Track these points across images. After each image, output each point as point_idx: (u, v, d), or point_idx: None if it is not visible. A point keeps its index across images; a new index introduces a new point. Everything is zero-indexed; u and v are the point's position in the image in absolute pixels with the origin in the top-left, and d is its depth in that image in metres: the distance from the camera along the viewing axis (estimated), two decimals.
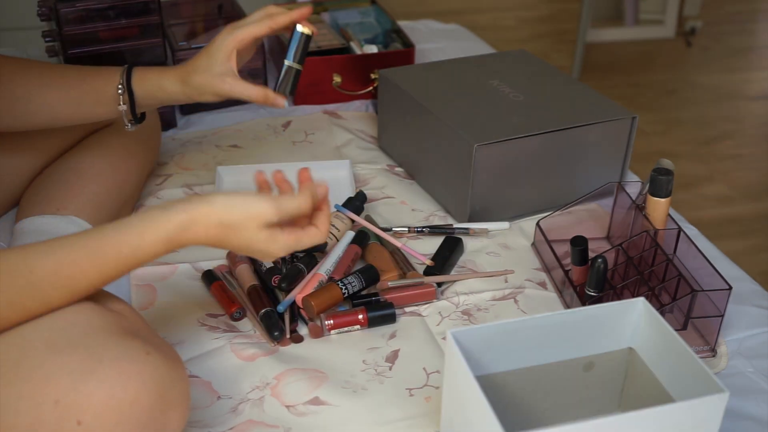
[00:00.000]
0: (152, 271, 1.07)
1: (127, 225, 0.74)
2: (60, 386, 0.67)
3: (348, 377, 0.92)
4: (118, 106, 1.00)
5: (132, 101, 1.01)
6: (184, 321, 1.00)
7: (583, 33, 3.03)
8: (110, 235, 0.73)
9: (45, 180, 1.13)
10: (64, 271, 0.72)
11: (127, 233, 0.73)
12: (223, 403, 0.89)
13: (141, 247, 0.73)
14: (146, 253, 0.74)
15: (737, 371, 0.95)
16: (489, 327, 0.76)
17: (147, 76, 1.00)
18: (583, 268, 1.01)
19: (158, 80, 1.00)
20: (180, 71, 0.98)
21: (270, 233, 0.77)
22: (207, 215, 0.74)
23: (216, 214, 0.75)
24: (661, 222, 1.03)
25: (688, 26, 3.52)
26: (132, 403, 0.68)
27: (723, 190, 2.47)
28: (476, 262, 1.12)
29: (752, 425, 0.88)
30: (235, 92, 0.97)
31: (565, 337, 0.79)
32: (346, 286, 1.00)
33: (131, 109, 1.01)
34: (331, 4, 1.74)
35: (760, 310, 1.04)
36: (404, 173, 1.33)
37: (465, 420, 0.74)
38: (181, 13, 1.63)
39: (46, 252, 0.72)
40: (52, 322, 0.72)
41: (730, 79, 3.23)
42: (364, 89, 1.52)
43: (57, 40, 1.33)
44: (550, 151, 1.18)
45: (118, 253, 0.73)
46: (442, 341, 0.98)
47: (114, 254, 0.73)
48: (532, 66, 1.38)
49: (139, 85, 1.00)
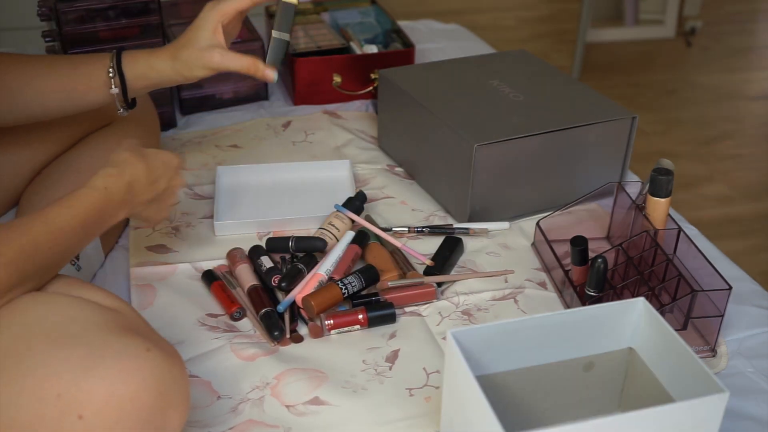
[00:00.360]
0: (152, 271, 1.07)
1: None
2: (62, 381, 0.67)
3: (348, 377, 0.92)
4: (110, 90, 1.00)
5: (123, 84, 1.01)
6: (184, 321, 1.00)
7: (583, 33, 3.03)
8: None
9: (44, 179, 1.13)
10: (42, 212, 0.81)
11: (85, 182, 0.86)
12: (223, 403, 0.89)
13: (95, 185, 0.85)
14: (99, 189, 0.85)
15: (737, 371, 0.95)
16: (489, 327, 0.76)
17: (137, 57, 1.00)
18: (583, 268, 1.01)
19: (148, 60, 1.00)
20: (169, 49, 0.99)
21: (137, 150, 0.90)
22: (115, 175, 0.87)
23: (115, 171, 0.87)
24: (661, 222, 1.03)
25: (688, 26, 3.52)
26: (132, 400, 0.68)
27: (723, 190, 2.48)
28: (476, 262, 1.12)
29: (752, 425, 0.88)
30: (224, 63, 0.99)
31: (565, 337, 0.79)
32: (346, 286, 1.00)
33: (123, 92, 1.01)
34: (331, 4, 1.74)
35: (760, 310, 1.04)
36: (404, 173, 1.33)
37: (465, 420, 0.74)
38: (181, 13, 1.63)
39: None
40: (53, 318, 0.72)
41: (730, 79, 3.23)
42: (364, 89, 1.52)
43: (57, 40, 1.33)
44: (550, 151, 1.18)
45: (78, 192, 0.83)
46: (442, 341, 0.98)
47: (76, 194, 0.83)
48: (532, 66, 1.38)
49: (130, 67, 1.00)
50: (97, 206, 0.84)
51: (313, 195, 1.24)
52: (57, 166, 1.14)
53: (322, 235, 1.10)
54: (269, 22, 1.66)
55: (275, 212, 1.19)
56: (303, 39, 1.59)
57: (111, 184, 0.86)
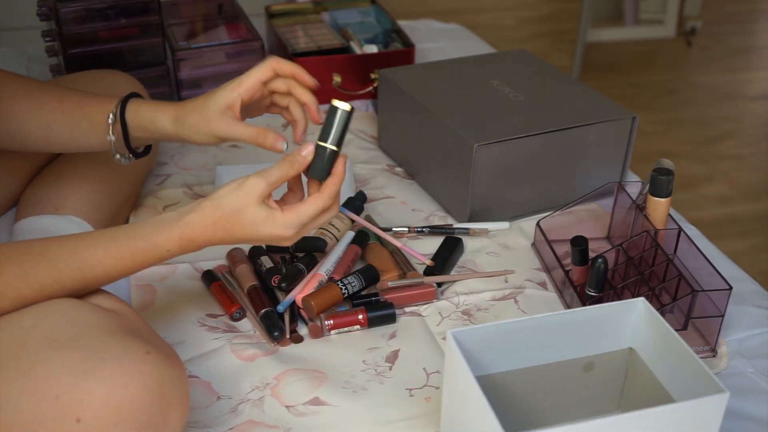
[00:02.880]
0: (152, 271, 1.07)
1: (143, 223, 0.80)
2: (61, 383, 0.67)
3: (348, 377, 0.92)
4: (107, 136, 0.94)
5: (125, 132, 0.94)
6: (184, 321, 1.00)
7: (583, 33, 3.03)
8: (127, 229, 0.79)
9: (44, 180, 1.13)
10: (79, 254, 0.76)
11: (143, 228, 0.79)
12: (223, 404, 0.89)
13: (155, 243, 0.78)
14: (161, 249, 0.79)
15: (737, 371, 0.95)
16: (489, 327, 0.76)
17: (142, 107, 0.94)
18: (584, 268, 1.01)
19: (152, 114, 0.93)
20: (177, 109, 0.92)
21: (269, 210, 0.80)
22: (211, 209, 0.79)
23: (217, 206, 0.79)
24: (662, 222, 1.03)
25: (688, 26, 3.52)
26: (132, 402, 0.68)
27: (723, 190, 2.47)
28: (476, 262, 1.12)
29: (752, 425, 0.88)
30: (231, 133, 0.90)
31: (565, 337, 0.79)
32: (346, 286, 1.00)
33: (125, 140, 0.95)
34: (331, 4, 1.74)
35: (760, 310, 1.04)
36: (404, 173, 1.32)
37: (465, 420, 0.74)
38: (181, 13, 1.63)
39: (64, 238, 0.78)
40: (52, 319, 0.72)
41: (730, 79, 3.23)
42: (364, 89, 1.52)
43: (57, 39, 1.33)
44: (550, 151, 1.18)
45: (133, 245, 0.78)
46: (442, 341, 0.98)
47: (129, 245, 0.78)
48: (532, 66, 1.38)
49: (132, 116, 0.93)
50: (148, 263, 0.79)
51: None
52: (56, 167, 1.14)
53: (322, 235, 1.10)
54: (269, 22, 1.66)
55: None
56: (303, 39, 1.59)
57: (176, 248, 0.79)
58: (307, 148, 0.84)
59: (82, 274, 0.76)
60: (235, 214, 0.79)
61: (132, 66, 1.35)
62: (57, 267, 0.75)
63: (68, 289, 0.76)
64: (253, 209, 0.79)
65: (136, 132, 0.94)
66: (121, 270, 0.78)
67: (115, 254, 0.77)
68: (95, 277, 0.77)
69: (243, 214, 0.79)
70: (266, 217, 0.80)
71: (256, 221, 0.80)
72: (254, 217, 0.80)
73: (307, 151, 0.84)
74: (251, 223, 0.80)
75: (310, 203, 0.82)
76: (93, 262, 0.77)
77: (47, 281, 0.74)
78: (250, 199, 0.79)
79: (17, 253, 0.75)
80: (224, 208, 0.79)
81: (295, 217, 0.81)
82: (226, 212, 0.79)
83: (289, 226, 0.81)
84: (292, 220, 0.81)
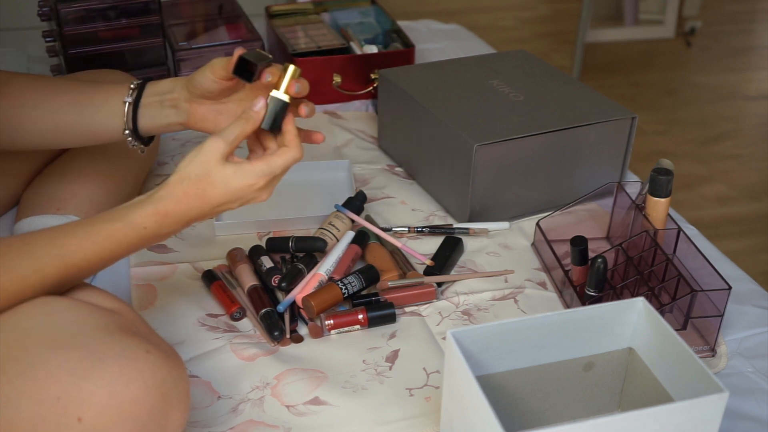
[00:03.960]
0: (152, 271, 1.07)
1: (118, 207, 0.80)
2: (61, 383, 0.67)
3: (348, 377, 0.92)
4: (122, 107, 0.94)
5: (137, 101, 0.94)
6: (184, 321, 1.00)
7: (583, 33, 3.03)
8: (103, 214, 0.79)
9: (45, 180, 1.13)
10: (58, 241, 0.76)
11: (118, 211, 0.79)
12: (223, 403, 0.89)
13: (131, 222, 0.78)
14: (137, 227, 0.78)
15: (737, 371, 0.95)
16: (489, 327, 0.76)
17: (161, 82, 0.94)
18: (583, 268, 1.01)
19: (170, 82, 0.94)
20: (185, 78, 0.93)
21: (236, 166, 0.80)
22: (178, 180, 0.79)
23: (184, 175, 0.79)
24: (661, 222, 1.03)
25: (688, 26, 3.52)
26: (133, 402, 0.68)
27: (723, 190, 2.48)
28: (476, 262, 1.12)
29: (752, 425, 0.88)
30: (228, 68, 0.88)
31: (565, 337, 0.79)
32: (346, 286, 1.00)
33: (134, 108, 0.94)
34: (331, 4, 1.74)
35: (760, 310, 1.04)
36: (404, 173, 1.33)
37: (465, 420, 0.74)
38: (181, 13, 1.63)
39: (44, 230, 0.78)
40: (52, 320, 0.72)
41: (730, 79, 3.23)
42: (364, 89, 1.52)
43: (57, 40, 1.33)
44: (550, 151, 1.18)
45: (110, 227, 0.78)
46: (442, 341, 0.98)
47: (106, 227, 0.78)
48: (532, 66, 1.38)
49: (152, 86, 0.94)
50: (128, 244, 0.79)
51: (313, 195, 1.24)
52: (57, 167, 1.14)
53: (322, 235, 1.10)
54: (269, 23, 1.66)
55: (275, 212, 1.19)
56: (303, 39, 1.59)
57: (152, 225, 0.79)
58: (259, 102, 0.84)
59: (62, 261, 0.76)
60: (202, 178, 0.79)
61: (132, 66, 1.35)
62: (37, 257, 0.74)
63: (50, 278, 0.75)
64: (219, 169, 0.79)
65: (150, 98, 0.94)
66: (101, 254, 0.78)
67: (93, 238, 0.77)
68: (76, 264, 0.77)
69: (210, 176, 0.79)
70: (234, 171, 0.80)
71: (226, 179, 0.80)
72: (222, 175, 0.79)
73: (260, 105, 0.84)
74: (221, 182, 0.80)
75: (279, 155, 0.83)
76: (72, 249, 0.76)
77: (27, 272, 0.74)
78: (213, 161, 0.79)
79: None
80: (190, 176, 0.79)
81: (265, 167, 0.82)
82: (193, 179, 0.79)
83: (259, 175, 0.81)
84: (261, 169, 0.81)
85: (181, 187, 0.79)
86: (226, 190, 0.80)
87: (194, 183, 0.79)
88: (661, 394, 0.78)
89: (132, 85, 0.94)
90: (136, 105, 0.94)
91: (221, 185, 0.80)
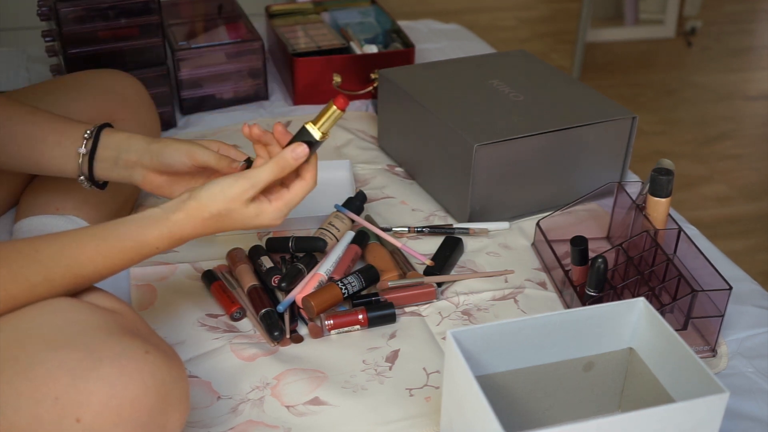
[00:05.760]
0: (152, 271, 1.07)
1: (131, 220, 0.80)
2: (60, 384, 0.67)
3: (348, 377, 0.92)
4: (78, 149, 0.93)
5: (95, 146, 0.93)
6: (184, 321, 1.00)
7: (583, 33, 3.03)
8: (115, 226, 0.79)
9: (44, 180, 1.13)
10: (68, 251, 0.76)
11: (131, 227, 0.79)
12: (223, 403, 0.89)
13: (144, 242, 0.79)
14: (150, 246, 0.80)
15: (737, 371, 0.95)
16: (489, 327, 0.76)
17: (117, 131, 0.94)
18: (583, 268, 1.01)
19: (127, 137, 0.93)
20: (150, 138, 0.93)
21: (257, 206, 0.83)
22: (197, 209, 0.80)
23: (204, 208, 0.81)
24: (661, 222, 1.03)
25: (688, 26, 3.52)
26: (132, 402, 0.68)
27: (723, 190, 2.48)
28: (476, 262, 1.12)
29: (752, 425, 0.88)
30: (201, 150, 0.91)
31: (565, 337, 0.79)
32: (346, 286, 1.00)
33: (89, 160, 0.93)
34: (331, 4, 1.74)
35: (760, 310, 1.04)
36: (404, 173, 1.33)
37: (465, 420, 0.74)
38: (181, 13, 1.63)
39: (52, 237, 0.77)
40: (51, 320, 0.72)
41: (730, 79, 3.23)
42: (364, 89, 1.52)
43: (57, 39, 1.33)
44: (550, 151, 1.18)
45: (122, 244, 0.78)
46: (442, 341, 0.98)
47: (118, 244, 0.78)
48: (532, 66, 1.38)
49: (108, 135, 0.93)
50: (140, 258, 0.80)
51: (313, 195, 1.23)
52: None
53: (322, 235, 1.10)
54: (269, 23, 1.66)
55: None
56: (303, 39, 1.59)
57: (165, 245, 0.80)
58: (299, 151, 0.84)
59: (72, 272, 0.76)
60: (223, 215, 0.82)
61: (132, 66, 1.35)
62: (46, 266, 0.75)
63: (58, 287, 0.75)
64: (242, 209, 0.82)
65: (105, 151, 0.93)
66: (111, 267, 0.79)
67: (105, 252, 0.78)
68: (85, 275, 0.77)
69: (231, 215, 0.82)
70: (256, 213, 0.83)
71: (246, 218, 0.83)
72: (243, 215, 0.82)
73: (299, 156, 0.84)
74: (241, 219, 0.83)
75: (297, 191, 0.86)
76: (83, 261, 0.77)
77: (37, 280, 0.74)
78: (239, 203, 0.82)
79: (7, 253, 0.74)
80: (212, 210, 0.81)
81: (283, 206, 0.85)
82: (214, 213, 0.81)
83: (278, 216, 0.85)
84: (281, 210, 0.85)
85: (200, 215, 0.81)
86: (245, 225, 0.84)
87: (215, 216, 0.81)
88: (662, 395, 0.78)
89: (86, 134, 0.93)
90: (91, 156, 0.93)
91: (240, 221, 0.83)
